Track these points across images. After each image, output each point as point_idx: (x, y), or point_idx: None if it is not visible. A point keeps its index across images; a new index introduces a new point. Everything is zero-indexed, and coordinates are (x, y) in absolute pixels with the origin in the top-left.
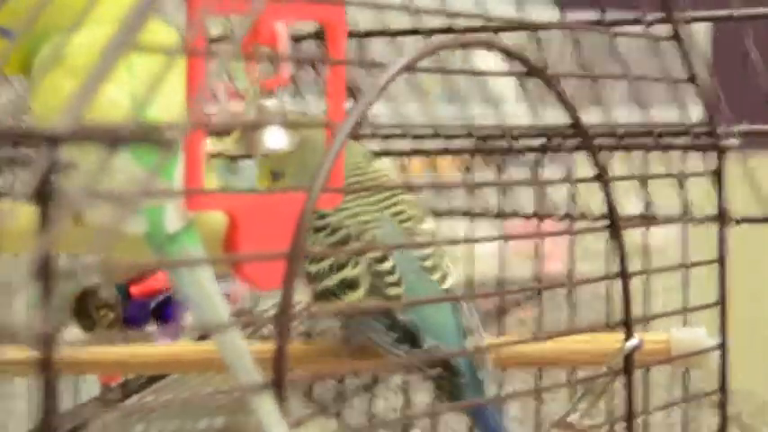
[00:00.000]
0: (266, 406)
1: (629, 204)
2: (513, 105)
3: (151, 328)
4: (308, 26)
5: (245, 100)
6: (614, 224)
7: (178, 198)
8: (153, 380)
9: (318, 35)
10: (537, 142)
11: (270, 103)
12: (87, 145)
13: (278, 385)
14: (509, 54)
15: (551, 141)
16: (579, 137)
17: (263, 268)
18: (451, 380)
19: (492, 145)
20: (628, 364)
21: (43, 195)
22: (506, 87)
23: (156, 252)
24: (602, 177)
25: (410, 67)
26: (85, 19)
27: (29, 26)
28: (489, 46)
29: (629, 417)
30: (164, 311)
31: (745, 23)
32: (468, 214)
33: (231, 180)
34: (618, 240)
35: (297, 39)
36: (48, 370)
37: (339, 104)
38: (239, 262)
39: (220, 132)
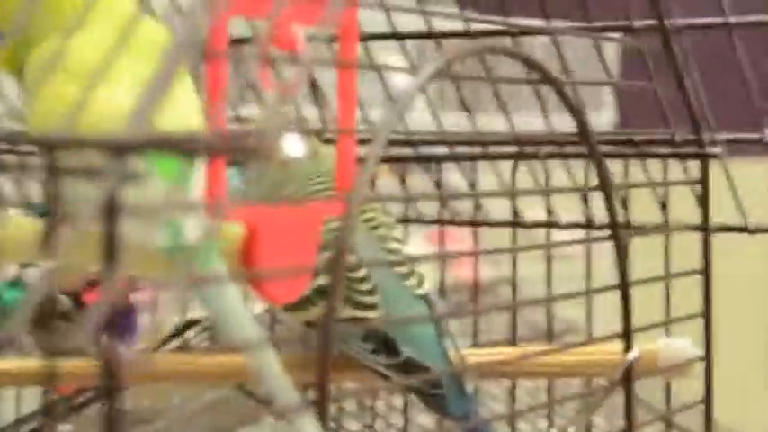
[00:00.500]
0: (308, 426)
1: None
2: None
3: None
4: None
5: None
6: (616, 233)
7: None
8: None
9: None
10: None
11: (287, 109)
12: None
13: (321, 404)
14: (527, 62)
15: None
16: (586, 145)
17: (282, 282)
18: (433, 390)
19: (470, 152)
20: (627, 376)
21: (111, 210)
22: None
23: (177, 266)
24: (605, 186)
25: (440, 73)
26: (80, 21)
27: (19, 29)
28: (511, 54)
29: (629, 430)
30: (119, 321)
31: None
32: (440, 221)
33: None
34: (619, 250)
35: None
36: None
37: (350, 111)
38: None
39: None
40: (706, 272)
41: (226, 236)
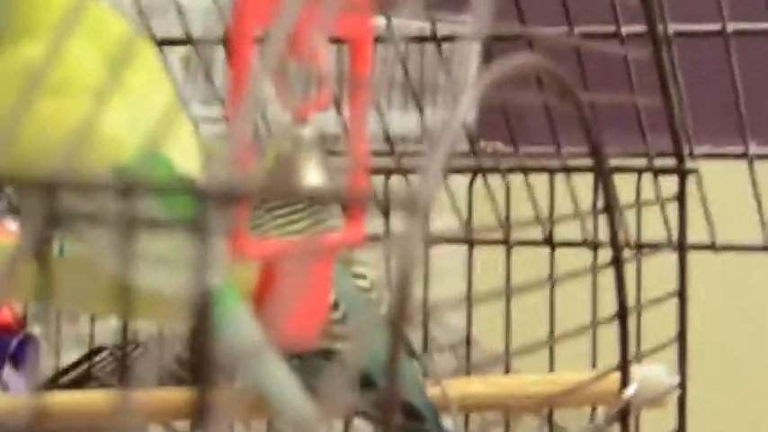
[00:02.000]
0: None
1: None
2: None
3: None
4: None
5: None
6: (618, 257)
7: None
8: None
9: None
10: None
11: (306, 132)
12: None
13: None
14: (552, 76)
15: None
16: (596, 161)
17: (299, 323)
18: (414, 427)
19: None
20: (624, 410)
21: (205, 264)
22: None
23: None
24: (611, 205)
25: (496, 83)
26: (33, 29)
27: None
28: (543, 70)
29: None
30: (17, 352)
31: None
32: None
33: None
34: (620, 275)
35: None
36: None
37: (362, 131)
38: (275, 318)
39: None
40: (681, 294)
41: (239, 278)
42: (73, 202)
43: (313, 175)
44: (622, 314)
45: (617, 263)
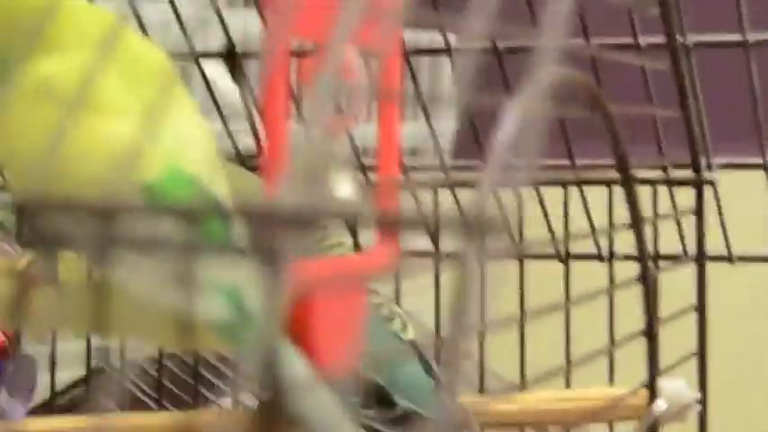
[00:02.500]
0: None
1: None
2: None
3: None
4: None
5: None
6: (645, 271)
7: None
8: None
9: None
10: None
11: (337, 147)
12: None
13: None
14: (586, 89)
15: None
16: (622, 173)
17: (336, 348)
18: None
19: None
20: (653, 426)
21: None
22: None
23: (233, 341)
24: (637, 219)
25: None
26: (52, 44)
27: None
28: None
29: None
30: (12, 376)
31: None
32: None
33: None
34: (647, 290)
35: None
36: None
37: (392, 148)
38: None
39: None
40: (701, 307)
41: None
42: (120, 228)
43: (344, 192)
44: (650, 331)
45: (644, 279)
